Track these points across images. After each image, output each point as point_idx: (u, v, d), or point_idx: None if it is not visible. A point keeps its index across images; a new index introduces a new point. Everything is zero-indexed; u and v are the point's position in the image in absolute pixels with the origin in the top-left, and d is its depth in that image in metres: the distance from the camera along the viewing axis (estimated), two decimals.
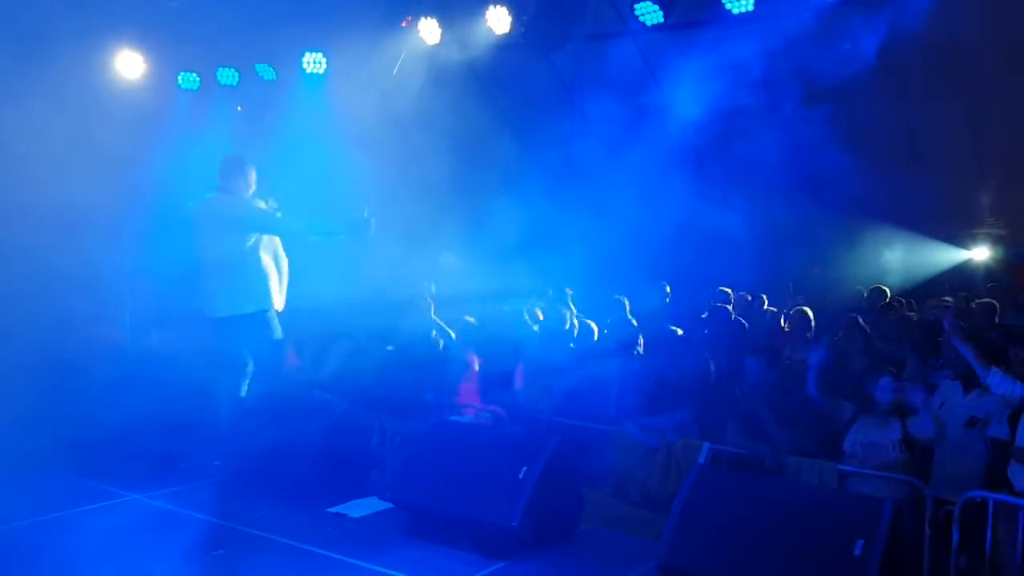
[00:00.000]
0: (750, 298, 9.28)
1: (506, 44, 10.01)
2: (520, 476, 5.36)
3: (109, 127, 8.95)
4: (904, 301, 9.21)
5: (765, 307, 9.39)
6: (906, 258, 12.08)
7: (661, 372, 6.48)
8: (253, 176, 6.29)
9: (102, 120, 8.98)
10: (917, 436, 5.14)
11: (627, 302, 8.73)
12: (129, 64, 10.34)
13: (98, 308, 8.62)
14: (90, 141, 8.53)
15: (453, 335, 7.47)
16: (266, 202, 6.40)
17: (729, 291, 9.05)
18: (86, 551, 5.10)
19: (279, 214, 6.38)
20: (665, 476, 6.03)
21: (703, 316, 8.37)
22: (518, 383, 7.33)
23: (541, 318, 8.01)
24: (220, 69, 10.69)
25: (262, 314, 6.31)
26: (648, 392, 6.31)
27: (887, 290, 9.59)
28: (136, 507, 5.89)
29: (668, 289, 9.40)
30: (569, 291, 8.50)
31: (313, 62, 10.27)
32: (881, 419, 5.25)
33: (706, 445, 5.82)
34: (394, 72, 10.07)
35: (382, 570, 4.99)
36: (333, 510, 5.99)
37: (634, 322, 7.53)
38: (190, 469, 6.51)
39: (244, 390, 6.45)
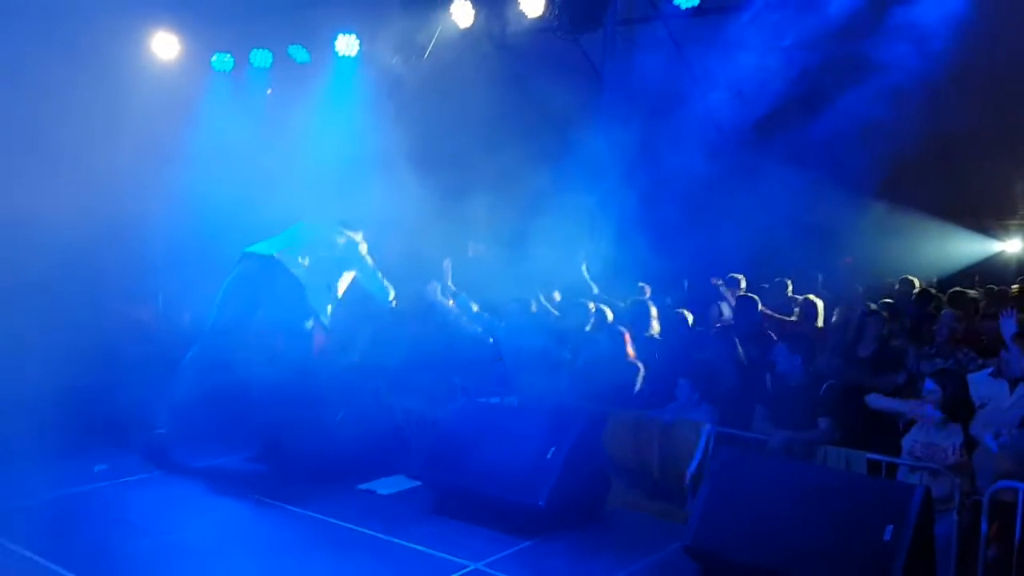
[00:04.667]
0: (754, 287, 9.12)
1: (538, 28, 9.97)
2: (548, 457, 5.41)
3: (144, 108, 9.06)
4: (938, 292, 9.10)
5: (789, 294, 9.31)
6: (938, 249, 11.93)
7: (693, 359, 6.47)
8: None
9: (137, 101, 9.08)
10: (978, 438, 5.03)
11: (648, 289, 8.70)
12: (164, 45, 10.44)
13: (132, 289, 8.74)
14: (126, 122, 8.63)
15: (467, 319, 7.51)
16: None
17: (740, 277, 8.98)
18: (125, 522, 5.22)
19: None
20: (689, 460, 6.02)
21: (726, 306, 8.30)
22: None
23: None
24: (254, 51, 10.75)
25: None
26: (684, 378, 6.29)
27: (917, 281, 9.48)
28: (171, 481, 6.00)
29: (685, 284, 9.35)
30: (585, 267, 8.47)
31: (346, 44, 10.31)
32: (943, 421, 5.14)
33: (707, 426, 5.82)
34: (426, 55, 10.09)
35: (410, 545, 5.06)
36: (363, 487, 6.08)
37: (653, 310, 7.50)
38: (221, 445, 6.61)
39: None
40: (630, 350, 6.62)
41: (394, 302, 7.23)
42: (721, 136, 9.94)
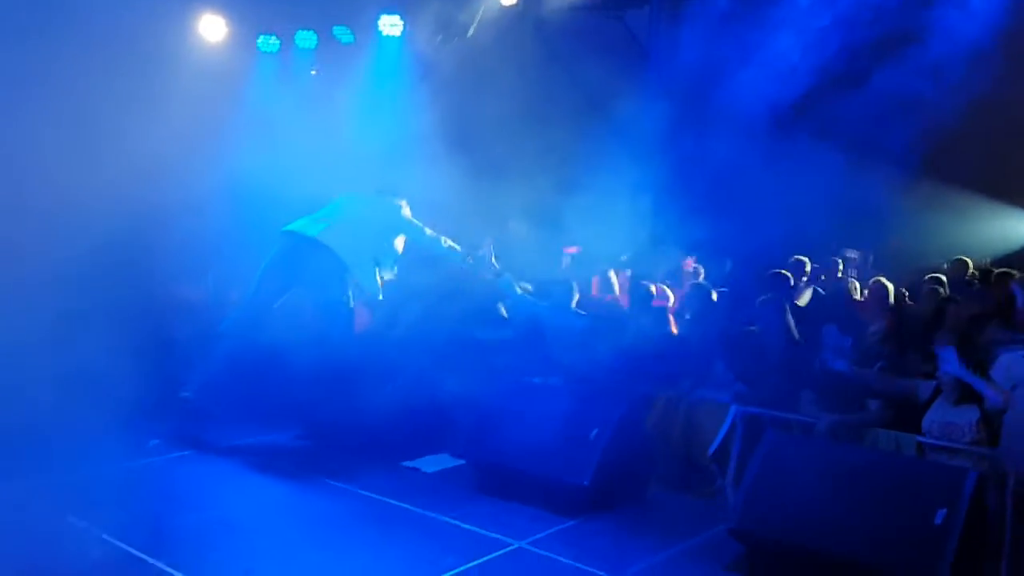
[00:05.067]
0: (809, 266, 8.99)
1: (582, 5, 9.85)
2: (591, 437, 5.42)
3: (192, 90, 9.15)
4: (993, 273, 8.87)
5: (840, 275, 9.18)
6: (991, 229, 11.61)
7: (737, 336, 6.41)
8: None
9: (185, 83, 9.17)
10: (991, 409, 4.95)
11: (702, 269, 8.63)
12: (212, 27, 10.53)
13: (182, 268, 8.87)
14: (173, 104, 8.72)
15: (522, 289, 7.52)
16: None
17: (805, 259, 8.85)
18: (176, 495, 5.35)
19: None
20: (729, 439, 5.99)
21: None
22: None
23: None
24: (299, 32, 10.80)
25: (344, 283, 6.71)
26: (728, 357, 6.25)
27: (969, 262, 9.26)
28: (218, 457, 6.12)
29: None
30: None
31: (390, 24, 10.31)
32: (961, 399, 5.08)
33: (733, 408, 5.80)
34: (469, 34, 10.03)
35: (455, 522, 5.10)
36: (407, 464, 6.15)
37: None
38: (269, 421, 6.72)
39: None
40: (673, 328, 6.59)
41: (469, 258, 7.42)
42: (765, 114, 9.76)
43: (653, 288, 7.28)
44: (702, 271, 8.57)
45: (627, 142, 8.89)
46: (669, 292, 7.41)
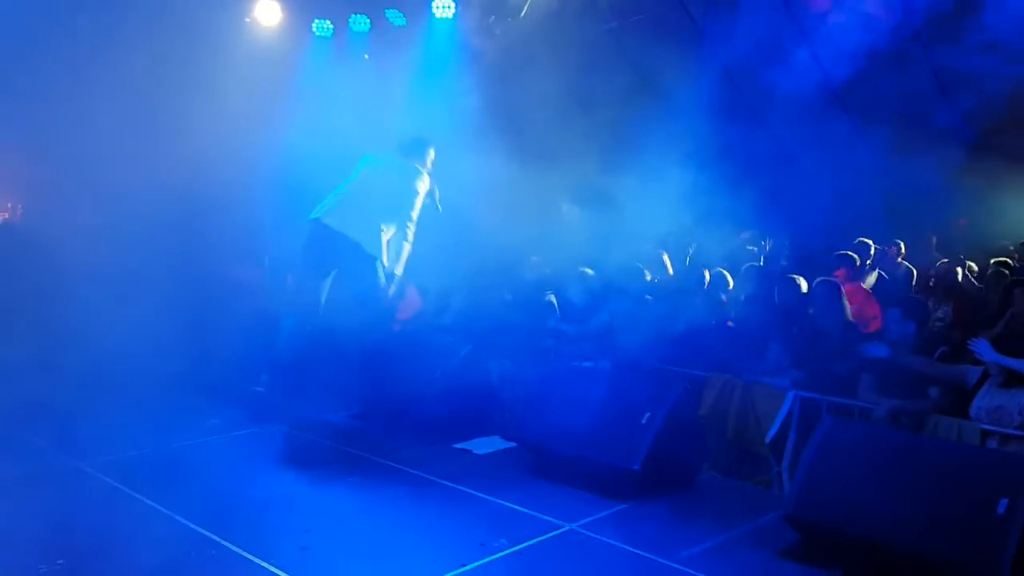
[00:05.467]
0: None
1: None
2: (643, 422, 5.38)
3: (247, 75, 9.29)
4: None
5: (900, 259, 8.96)
6: None
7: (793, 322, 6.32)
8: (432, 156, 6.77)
9: (241, 68, 9.31)
10: None
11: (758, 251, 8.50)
12: (267, 12, 10.65)
13: (239, 252, 9.03)
14: (229, 89, 8.86)
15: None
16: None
17: (870, 242, 8.66)
18: (231, 473, 5.47)
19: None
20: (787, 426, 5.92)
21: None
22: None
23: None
24: (352, 16, 10.88)
25: (371, 260, 6.44)
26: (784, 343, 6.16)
27: None
28: (275, 436, 6.23)
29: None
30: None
31: (442, 6, 10.32)
32: (1008, 383, 4.95)
33: (791, 392, 5.69)
34: (522, 14, 9.99)
35: (506, 504, 5.12)
36: (459, 446, 6.18)
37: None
38: (321, 403, 6.82)
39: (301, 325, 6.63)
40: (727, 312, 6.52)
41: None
42: (819, 92, 9.55)
43: (707, 272, 7.20)
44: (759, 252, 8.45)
45: (680, 121, 8.79)
46: (728, 275, 7.31)
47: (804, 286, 6.75)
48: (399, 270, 6.59)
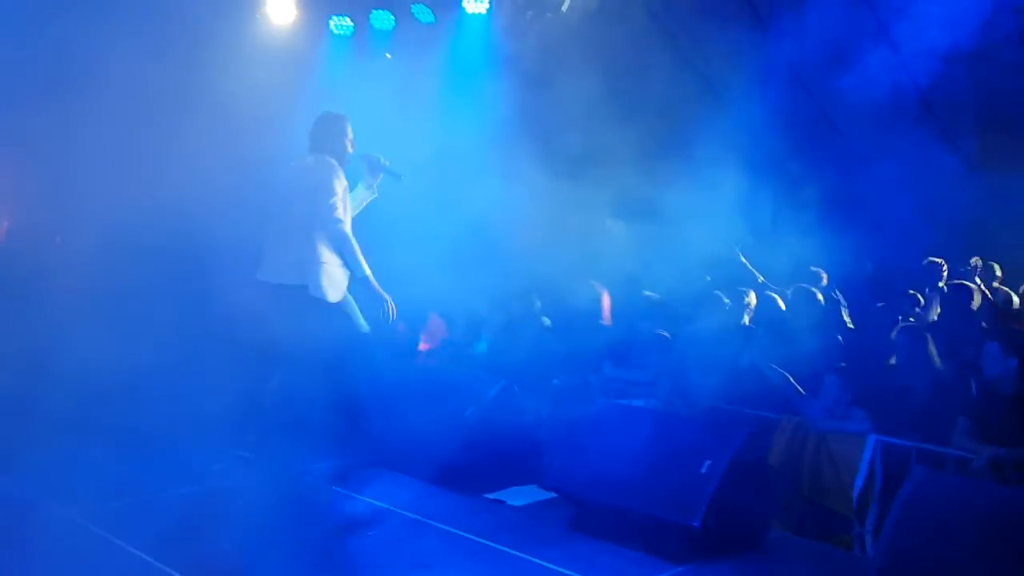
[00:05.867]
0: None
1: None
2: (703, 471, 5.24)
3: (259, 77, 9.33)
4: None
5: (997, 284, 8.73)
6: None
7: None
8: (346, 135, 5.84)
9: (252, 69, 9.35)
10: None
11: (824, 274, 8.35)
12: (280, 9, 10.72)
13: (245, 270, 9.01)
14: (240, 92, 8.90)
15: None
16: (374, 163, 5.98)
17: (940, 261, 8.46)
18: (236, 525, 5.39)
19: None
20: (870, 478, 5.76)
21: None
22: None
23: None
24: (374, 12, 10.92)
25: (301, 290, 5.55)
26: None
27: None
28: (284, 482, 6.15)
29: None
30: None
31: (474, 1, 10.32)
32: None
33: (871, 437, 5.54)
34: (564, 8, 9.95)
35: (547, 565, 5.00)
36: (491, 496, 6.08)
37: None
38: (343, 446, 6.75)
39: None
40: None
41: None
42: (895, 99, 9.40)
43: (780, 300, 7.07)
44: (824, 275, 8.27)
45: (740, 128, 8.69)
46: (780, 300, 7.17)
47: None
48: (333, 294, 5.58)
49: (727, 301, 7.13)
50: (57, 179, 8.43)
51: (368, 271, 5.52)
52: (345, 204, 5.64)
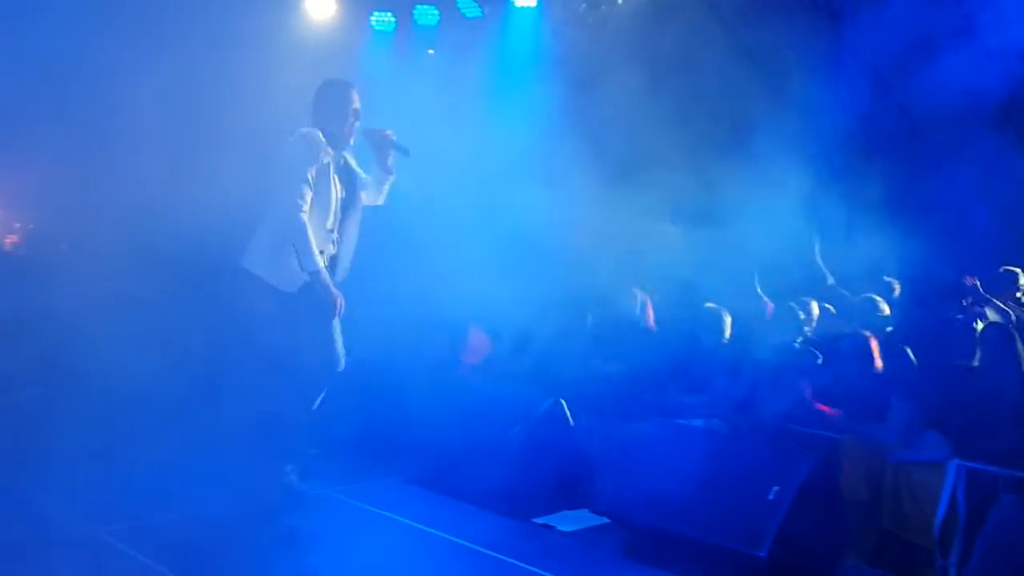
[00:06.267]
0: None
1: None
2: (770, 497, 5.13)
3: (298, 74, 9.35)
4: None
5: None
6: None
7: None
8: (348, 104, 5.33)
9: (290, 67, 9.41)
10: None
11: (897, 285, 8.17)
12: (320, 5, 10.80)
13: None
14: (277, 89, 8.95)
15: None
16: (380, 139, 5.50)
17: (1018, 271, 8.26)
18: (269, 545, 5.36)
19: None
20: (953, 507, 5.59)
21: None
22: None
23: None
24: (417, 7, 10.96)
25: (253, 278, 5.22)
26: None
27: None
28: (320, 502, 6.12)
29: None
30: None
31: None
32: None
33: (953, 463, 5.38)
34: (620, 1, 9.89)
35: None
36: (539, 521, 6.01)
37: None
38: (378, 464, 6.73)
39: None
40: (878, 361, 6.20)
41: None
42: (979, 102, 9.19)
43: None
44: (897, 285, 8.09)
45: (807, 130, 8.55)
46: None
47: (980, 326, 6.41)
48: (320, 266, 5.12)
49: (803, 315, 6.98)
50: (84, 180, 8.54)
51: (319, 265, 5.06)
52: (330, 187, 5.19)
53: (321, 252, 5.16)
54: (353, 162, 5.48)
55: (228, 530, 5.53)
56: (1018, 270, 8.28)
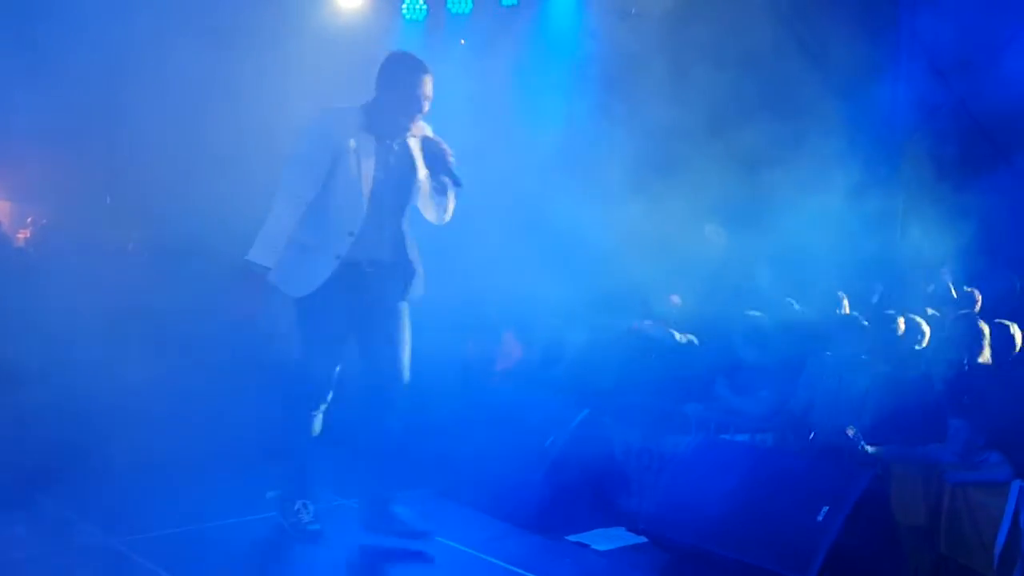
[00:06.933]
0: None
1: None
2: (819, 518, 5.11)
3: (327, 64, 9.43)
4: None
5: None
6: None
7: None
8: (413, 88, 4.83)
9: (320, 56, 9.46)
10: None
11: (979, 295, 8.08)
12: None
13: None
14: (306, 80, 9.01)
15: None
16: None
17: None
18: (289, 558, 5.38)
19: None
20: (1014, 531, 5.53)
21: None
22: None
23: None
24: None
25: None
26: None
27: None
28: (339, 514, 6.14)
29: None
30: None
31: None
32: None
33: (1015, 485, 5.34)
34: None
35: None
36: (573, 539, 5.96)
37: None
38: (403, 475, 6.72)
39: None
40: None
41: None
42: None
43: (902, 321, 6.82)
44: (978, 296, 7.99)
45: (866, 131, 8.48)
46: (924, 325, 6.91)
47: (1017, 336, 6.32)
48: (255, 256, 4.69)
49: (866, 323, 6.90)
50: (98, 174, 8.64)
51: (261, 258, 4.61)
52: (354, 178, 4.69)
53: (336, 257, 4.73)
54: (417, 155, 4.93)
55: (254, 543, 5.59)
56: None
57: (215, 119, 8.55)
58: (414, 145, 4.93)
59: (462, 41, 11.31)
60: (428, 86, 4.86)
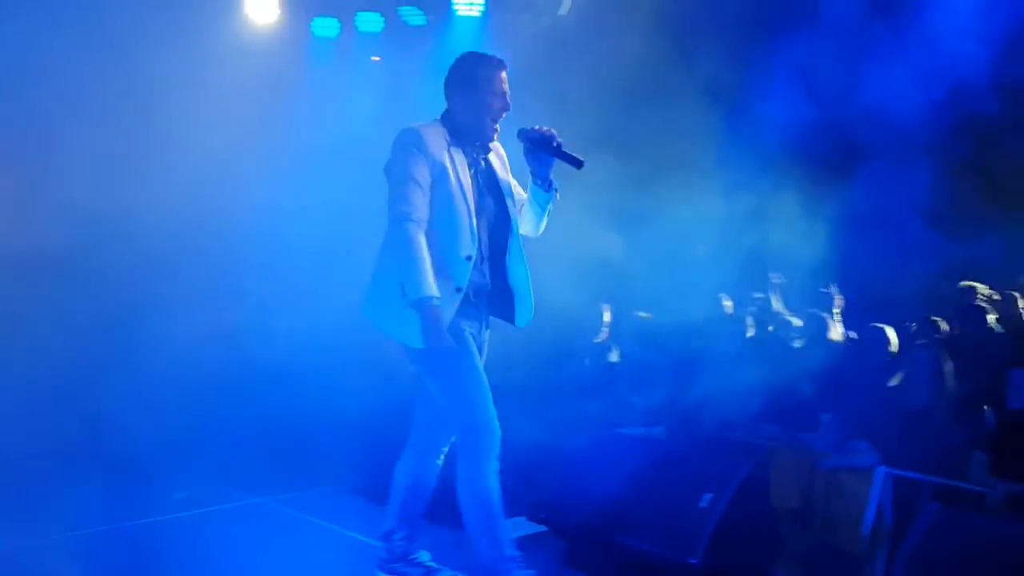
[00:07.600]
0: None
1: None
2: (704, 504, 5.30)
3: (236, 82, 9.37)
4: None
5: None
6: None
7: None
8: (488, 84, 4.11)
9: (229, 73, 9.39)
10: None
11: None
12: (261, 8, 10.77)
13: (219, 290, 9.00)
14: (215, 99, 8.94)
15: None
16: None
17: (978, 286, 8.45)
18: (199, 560, 5.40)
19: None
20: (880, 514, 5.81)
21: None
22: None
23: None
24: (359, 14, 10.98)
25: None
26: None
27: None
28: (256, 511, 6.18)
29: None
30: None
31: (467, 3, 10.40)
32: None
33: (880, 470, 5.60)
34: (562, 12, 9.98)
35: None
36: None
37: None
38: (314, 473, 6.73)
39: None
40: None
41: None
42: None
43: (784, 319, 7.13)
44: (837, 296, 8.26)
45: (742, 145, 8.66)
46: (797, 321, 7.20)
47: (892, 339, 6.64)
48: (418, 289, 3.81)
49: (748, 322, 7.15)
50: (26, 183, 8.46)
51: (431, 291, 3.78)
52: (456, 199, 3.97)
53: (458, 289, 3.93)
54: (502, 166, 4.28)
55: (160, 545, 5.58)
56: (976, 285, 8.40)
57: (113, 140, 8.42)
58: (498, 156, 4.29)
59: (374, 58, 11.32)
60: (506, 82, 4.17)
